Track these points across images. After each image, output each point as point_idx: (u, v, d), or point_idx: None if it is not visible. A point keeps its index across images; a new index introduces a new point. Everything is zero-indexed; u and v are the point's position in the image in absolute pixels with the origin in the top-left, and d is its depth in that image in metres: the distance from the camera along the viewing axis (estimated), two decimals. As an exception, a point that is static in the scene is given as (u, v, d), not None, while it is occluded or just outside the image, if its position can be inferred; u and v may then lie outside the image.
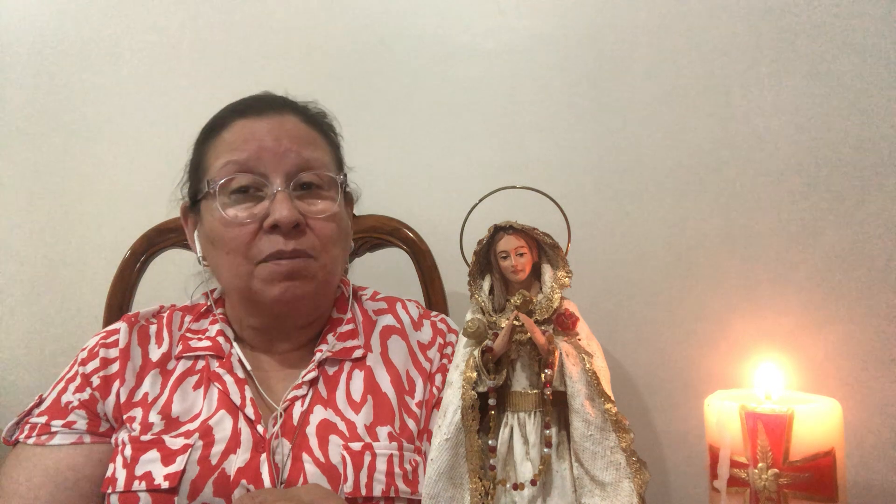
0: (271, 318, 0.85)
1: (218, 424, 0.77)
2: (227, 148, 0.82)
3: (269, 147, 0.81)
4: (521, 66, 1.21)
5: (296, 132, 0.84)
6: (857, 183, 1.06)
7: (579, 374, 0.69)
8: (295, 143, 0.82)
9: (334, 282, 0.88)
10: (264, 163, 0.80)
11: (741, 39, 1.12)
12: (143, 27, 1.34)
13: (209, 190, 0.82)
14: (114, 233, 1.29)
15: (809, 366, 1.04)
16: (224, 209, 0.80)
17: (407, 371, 0.87)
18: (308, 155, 0.82)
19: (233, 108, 0.87)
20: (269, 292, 0.80)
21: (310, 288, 0.81)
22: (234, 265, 0.81)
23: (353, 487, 0.74)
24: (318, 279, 0.82)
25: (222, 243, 0.81)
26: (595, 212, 1.16)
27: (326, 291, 0.87)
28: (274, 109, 0.85)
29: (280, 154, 0.81)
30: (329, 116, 0.93)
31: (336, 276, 0.87)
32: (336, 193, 0.84)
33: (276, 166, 0.80)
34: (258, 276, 0.80)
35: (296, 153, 0.81)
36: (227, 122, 0.84)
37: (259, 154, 0.80)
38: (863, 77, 1.07)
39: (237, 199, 0.81)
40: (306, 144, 0.83)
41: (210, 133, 0.86)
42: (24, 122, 1.36)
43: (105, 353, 0.83)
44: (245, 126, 0.83)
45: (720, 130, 1.12)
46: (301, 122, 0.86)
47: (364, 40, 1.27)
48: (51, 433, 0.79)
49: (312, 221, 0.81)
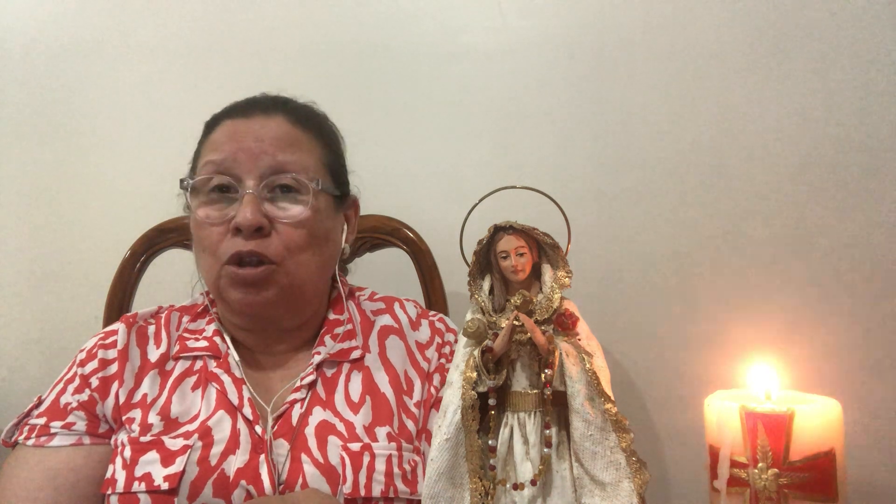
0: (247, 320, 0.85)
1: (217, 425, 0.77)
2: (210, 147, 0.83)
3: (247, 148, 0.80)
4: (521, 66, 1.21)
5: (277, 134, 0.82)
6: (857, 183, 1.06)
7: (579, 374, 0.69)
8: (273, 145, 0.81)
9: (307, 288, 0.85)
10: (239, 164, 0.80)
11: (740, 39, 1.12)
12: (144, 27, 1.34)
13: (185, 186, 0.83)
14: (114, 233, 1.29)
15: (810, 366, 1.04)
16: (199, 208, 0.81)
17: (405, 371, 0.87)
18: (284, 158, 0.81)
19: (226, 109, 0.87)
20: (232, 297, 0.80)
21: (269, 295, 0.80)
22: (206, 263, 0.82)
23: (352, 488, 0.74)
24: (281, 286, 0.80)
25: (198, 241, 0.82)
26: (595, 212, 1.16)
27: (300, 295, 0.84)
28: (262, 111, 0.85)
29: (256, 156, 0.80)
30: (325, 119, 0.92)
31: (308, 283, 0.84)
32: (310, 198, 0.82)
33: (251, 168, 0.80)
34: (223, 276, 0.80)
35: (271, 155, 0.80)
36: (218, 122, 0.85)
37: (235, 155, 0.80)
38: (860, 78, 1.07)
39: (213, 198, 0.81)
40: (286, 147, 0.82)
41: (205, 131, 0.87)
42: (23, 122, 1.36)
43: (103, 355, 0.83)
44: (230, 126, 0.83)
45: (719, 130, 1.12)
46: (288, 124, 0.84)
47: (364, 41, 1.27)
48: (50, 434, 0.79)
49: (280, 226, 0.80)
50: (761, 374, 0.74)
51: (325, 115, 0.93)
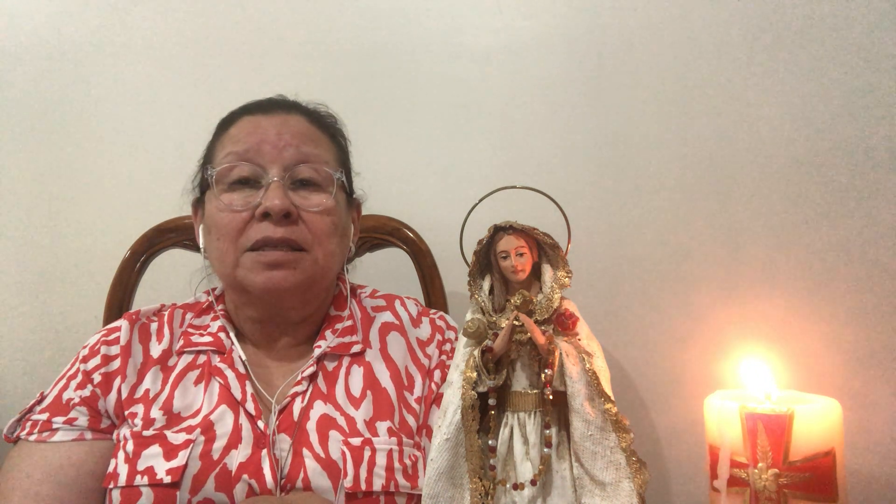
0: (263, 307, 0.85)
1: (219, 420, 0.78)
2: (231, 141, 0.85)
3: (270, 140, 0.83)
4: (521, 66, 1.21)
5: (299, 129, 0.86)
6: (857, 183, 1.06)
7: (579, 374, 0.69)
8: (296, 139, 0.84)
9: (328, 277, 0.88)
10: (263, 154, 0.82)
11: (739, 39, 1.12)
12: (143, 27, 1.34)
13: (207, 176, 0.84)
14: (114, 233, 1.29)
15: (809, 365, 1.04)
16: (221, 194, 0.83)
17: (406, 367, 0.87)
18: (307, 150, 0.84)
19: (244, 107, 0.90)
20: (253, 280, 0.80)
21: (296, 279, 0.81)
22: (221, 252, 0.82)
23: (353, 482, 0.74)
24: (308, 272, 0.82)
25: (216, 229, 0.83)
26: (595, 212, 1.16)
27: (318, 285, 0.86)
28: (282, 108, 0.88)
29: (280, 147, 0.83)
30: (339, 122, 0.95)
31: (331, 271, 0.87)
32: (333, 189, 0.85)
33: (275, 158, 0.82)
34: (242, 265, 0.81)
35: (295, 147, 0.83)
36: (236, 119, 0.88)
37: (259, 146, 0.82)
38: (858, 78, 1.07)
39: (235, 187, 0.83)
40: (307, 141, 0.85)
41: (219, 130, 0.89)
42: (23, 122, 1.36)
43: (106, 350, 0.84)
44: (251, 122, 0.86)
45: (719, 130, 1.12)
46: (306, 122, 0.88)
47: (364, 41, 1.28)
48: (52, 430, 0.79)
49: (306, 214, 0.82)
50: (757, 370, 0.74)
51: (336, 116, 0.95)
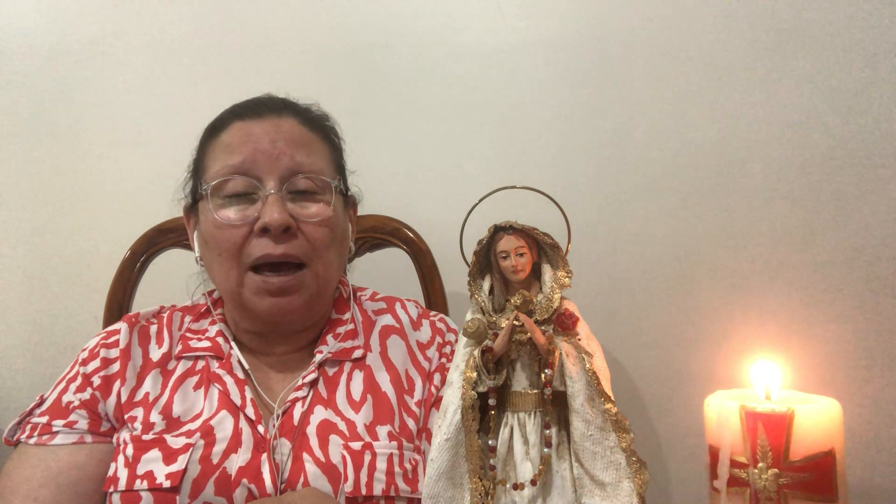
0: (263, 325, 0.85)
1: (219, 424, 0.78)
2: (224, 150, 0.82)
3: (264, 149, 0.80)
4: (521, 66, 1.21)
5: (292, 135, 0.83)
6: (857, 183, 1.06)
7: (579, 374, 0.69)
8: (290, 147, 0.82)
9: (330, 288, 0.87)
10: (258, 165, 0.80)
11: (740, 40, 1.12)
12: (142, 27, 1.34)
13: (202, 191, 0.82)
14: (114, 233, 1.29)
15: (810, 365, 1.05)
16: (217, 211, 0.80)
17: (406, 371, 0.87)
18: (302, 159, 0.82)
19: (233, 110, 0.87)
20: (258, 305, 0.80)
21: (300, 302, 0.81)
22: (224, 269, 0.81)
23: (353, 487, 0.74)
24: (311, 291, 0.81)
25: (215, 245, 0.81)
26: (595, 212, 1.16)
27: (322, 299, 0.86)
28: (272, 111, 0.85)
29: (274, 157, 0.80)
30: (331, 120, 0.93)
31: (331, 283, 0.87)
32: (331, 197, 0.83)
33: (270, 169, 0.80)
34: (247, 286, 0.80)
35: (290, 157, 0.81)
36: (227, 124, 0.85)
37: (254, 157, 0.80)
38: (861, 78, 1.07)
39: (231, 201, 0.81)
40: (302, 147, 0.83)
41: (210, 134, 0.87)
42: (23, 121, 1.36)
43: (106, 353, 0.83)
44: (242, 128, 0.83)
45: (719, 131, 1.12)
46: (299, 125, 0.85)
47: (364, 40, 1.27)
48: (52, 433, 0.79)
49: (305, 226, 0.81)
50: (764, 371, 0.74)
51: (327, 114, 0.93)
